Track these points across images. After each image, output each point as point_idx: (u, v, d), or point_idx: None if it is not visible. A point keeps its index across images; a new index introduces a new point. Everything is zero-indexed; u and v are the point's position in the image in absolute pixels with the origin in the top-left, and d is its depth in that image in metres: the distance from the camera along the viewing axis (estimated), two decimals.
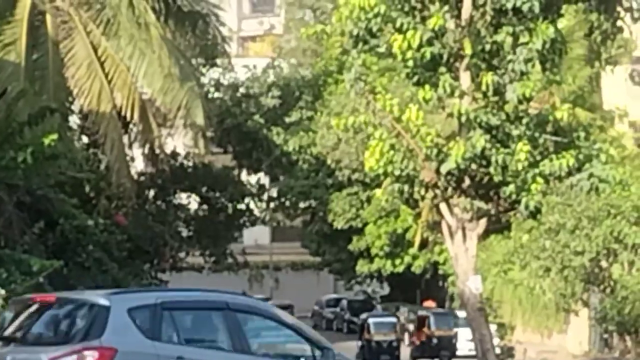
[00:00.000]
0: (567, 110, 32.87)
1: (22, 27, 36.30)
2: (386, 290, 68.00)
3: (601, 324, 46.21)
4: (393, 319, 54.37)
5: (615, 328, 46.07)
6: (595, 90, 49.74)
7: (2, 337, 17.27)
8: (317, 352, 17.69)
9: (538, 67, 31.45)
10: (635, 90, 44.05)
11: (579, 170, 33.35)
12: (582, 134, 34.11)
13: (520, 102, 31.33)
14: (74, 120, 38.56)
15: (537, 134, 31.96)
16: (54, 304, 17.85)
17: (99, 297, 17.32)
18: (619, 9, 33.03)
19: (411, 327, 53.85)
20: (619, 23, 33.64)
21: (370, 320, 50.82)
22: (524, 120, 31.67)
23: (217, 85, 52.98)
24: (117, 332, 16.00)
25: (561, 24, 32.23)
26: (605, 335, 47.08)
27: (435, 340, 40.02)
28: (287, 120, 54.97)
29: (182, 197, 51.61)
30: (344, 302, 68.60)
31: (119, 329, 16.16)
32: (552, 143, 32.43)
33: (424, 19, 31.33)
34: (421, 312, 50.10)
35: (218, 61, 50.14)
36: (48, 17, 37.14)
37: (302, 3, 69.05)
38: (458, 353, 46.23)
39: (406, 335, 54.82)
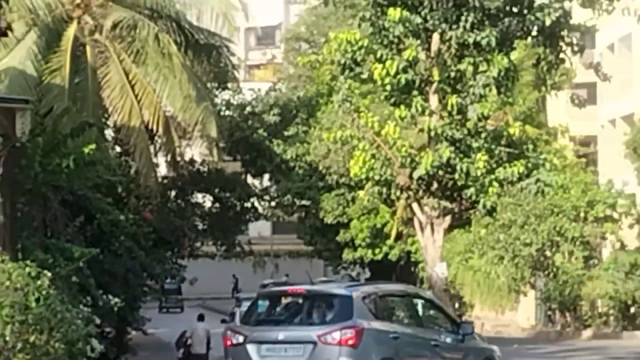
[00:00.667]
0: (518, 127, 33.13)
1: (66, 56, 36.33)
2: (367, 274, 67.78)
3: (545, 303, 46.38)
4: None
5: (557, 306, 46.28)
6: (541, 110, 49.77)
7: (268, 320, 19.82)
8: (455, 325, 20.65)
9: (494, 91, 31.63)
10: (575, 110, 43.92)
11: (527, 176, 33.52)
12: (531, 147, 34.26)
13: (479, 119, 31.55)
14: (109, 133, 38.49)
15: (493, 147, 32.20)
16: (305, 295, 20.10)
17: (342, 290, 20.14)
18: (561, 43, 33.09)
19: None
20: (562, 55, 33.63)
21: None
22: (483, 135, 31.90)
23: (228, 105, 52.68)
24: (360, 315, 18.31)
25: (513, 55, 32.33)
26: (549, 312, 47.18)
27: None
28: (285, 133, 54.67)
29: (199, 197, 51.50)
30: None
31: (361, 312, 18.42)
32: (505, 154, 32.59)
33: (399, 51, 31.52)
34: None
35: (228, 85, 50.00)
36: (88, 48, 37.16)
37: (298, 37, 69.06)
38: None
39: None
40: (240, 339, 18.74)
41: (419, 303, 21.54)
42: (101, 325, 21.95)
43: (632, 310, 44.86)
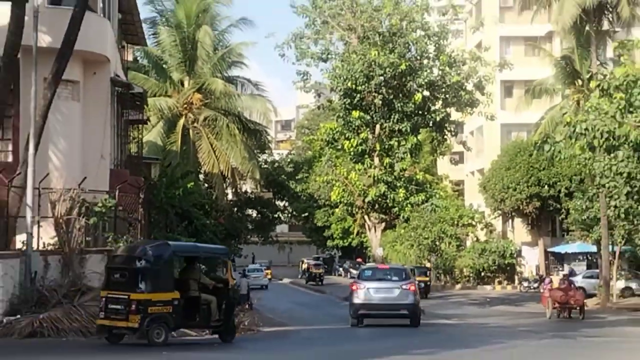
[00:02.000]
0: (422, 175, 33.38)
1: (178, 135, 36.34)
2: (340, 253, 67.51)
3: (435, 270, 46.21)
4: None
5: (442, 272, 46.24)
6: (434, 166, 49.70)
7: (373, 278, 21.32)
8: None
9: (409, 156, 31.81)
10: (452, 167, 44.21)
11: (426, 201, 33.70)
12: (429, 185, 34.42)
13: (401, 171, 31.62)
14: (201, 177, 38.30)
15: (408, 185, 32.19)
16: (387, 268, 23.19)
17: (402, 266, 24.83)
18: (445, 131, 33.27)
19: (353, 271, 52.11)
20: (445, 137, 33.82)
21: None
22: (402, 179, 31.93)
23: (265, 162, 52.24)
24: (412, 277, 22.06)
25: (420, 137, 32.45)
26: (437, 275, 47.03)
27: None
28: (297, 177, 54.50)
29: (249, 211, 51.03)
30: (321, 259, 68.01)
31: (411, 276, 22.08)
32: (415, 189, 32.59)
33: (358, 134, 31.67)
34: (409, 267, 42.02)
35: (266, 151, 49.78)
36: (190, 131, 37.12)
37: (303, 126, 69.21)
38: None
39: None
40: (362, 286, 20.27)
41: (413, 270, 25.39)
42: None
43: (482, 274, 45.01)
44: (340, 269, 63.37)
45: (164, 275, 13.76)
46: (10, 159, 18.99)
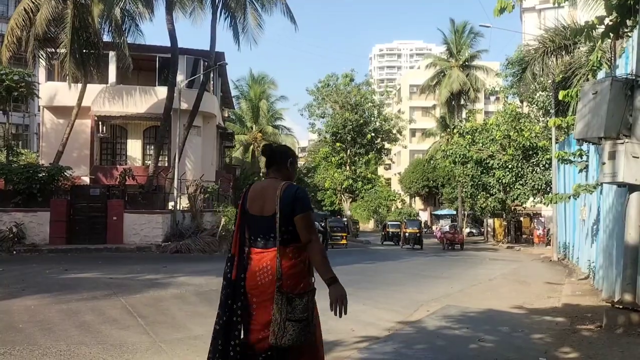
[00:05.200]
0: (370, 175, 32.80)
1: (249, 154, 35.49)
2: (329, 213, 66.11)
3: (378, 220, 45.44)
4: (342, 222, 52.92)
5: (381, 221, 45.14)
6: (377, 170, 48.48)
7: (333, 225, 20.24)
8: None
9: (364, 165, 31.22)
10: (385, 171, 42.91)
11: (373, 188, 33.12)
12: (374, 180, 33.82)
13: (360, 173, 31.05)
14: (261, 174, 37.77)
15: (363, 180, 31.74)
16: (336, 226, 20.77)
17: (342, 220, 22.20)
18: (382, 153, 32.99)
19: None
20: (382, 156, 33.40)
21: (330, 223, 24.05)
22: (360, 177, 31.42)
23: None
24: (347, 228, 21.44)
25: (369, 156, 31.86)
26: (380, 223, 46.02)
27: (407, 235, 22.94)
28: (309, 175, 53.32)
29: None
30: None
31: (345, 228, 20.82)
32: (366, 182, 32.21)
33: (339, 154, 31.03)
34: (403, 221, 27.56)
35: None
36: (255, 152, 36.00)
37: (310, 150, 67.68)
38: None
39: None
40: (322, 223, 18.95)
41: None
42: None
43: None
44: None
45: None
46: (166, 164, 19.03)
